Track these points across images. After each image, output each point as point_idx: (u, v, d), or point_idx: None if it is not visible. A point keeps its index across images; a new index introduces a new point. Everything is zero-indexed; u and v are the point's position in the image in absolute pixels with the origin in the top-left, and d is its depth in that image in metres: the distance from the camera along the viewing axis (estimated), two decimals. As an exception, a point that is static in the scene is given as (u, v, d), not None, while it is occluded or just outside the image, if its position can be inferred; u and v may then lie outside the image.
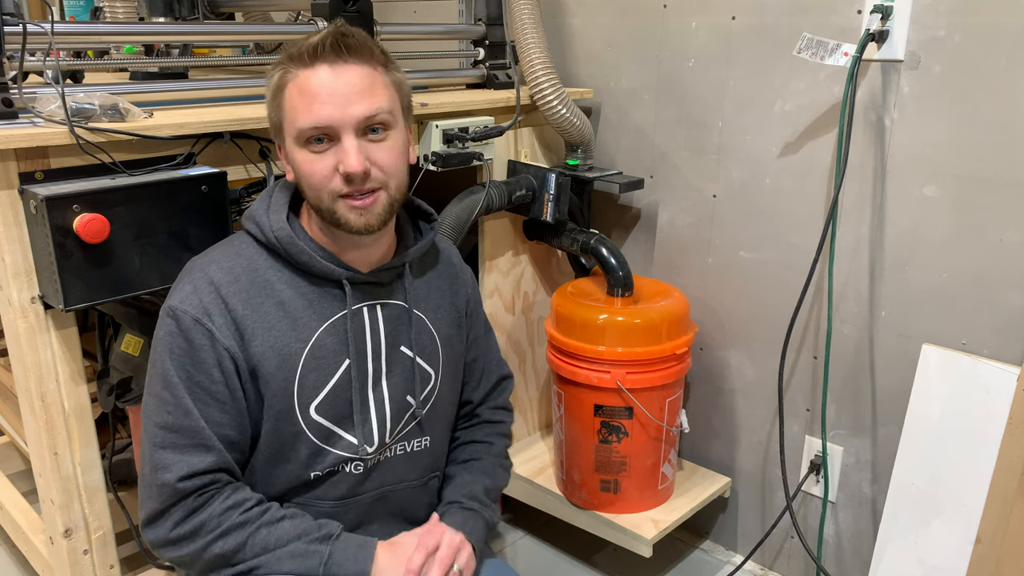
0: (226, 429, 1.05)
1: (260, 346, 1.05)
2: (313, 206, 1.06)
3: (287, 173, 1.09)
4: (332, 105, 0.99)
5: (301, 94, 1.00)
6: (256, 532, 1.03)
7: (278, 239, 1.06)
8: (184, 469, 1.02)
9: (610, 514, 1.77)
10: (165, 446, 1.03)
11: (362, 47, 1.02)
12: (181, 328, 1.03)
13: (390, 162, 1.04)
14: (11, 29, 1.12)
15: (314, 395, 1.09)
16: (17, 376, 1.24)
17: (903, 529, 1.57)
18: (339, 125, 1.00)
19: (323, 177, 1.02)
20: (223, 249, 1.10)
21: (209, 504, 1.03)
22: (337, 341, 1.10)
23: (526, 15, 1.72)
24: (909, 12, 1.45)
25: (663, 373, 1.68)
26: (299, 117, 1.01)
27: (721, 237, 1.82)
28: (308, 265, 1.07)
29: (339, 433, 1.11)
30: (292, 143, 1.03)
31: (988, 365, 1.46)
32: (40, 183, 1.13)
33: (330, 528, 1.07)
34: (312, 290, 1.09)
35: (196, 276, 1.06)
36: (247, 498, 1.05)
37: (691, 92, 1.80)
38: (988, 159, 1.43)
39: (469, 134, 1.61)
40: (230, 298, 1.04)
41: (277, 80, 1.03)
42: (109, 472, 1.33)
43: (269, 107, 1.07)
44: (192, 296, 1.04)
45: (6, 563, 1.88)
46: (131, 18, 1.79)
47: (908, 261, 1.55)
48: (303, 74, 1.01)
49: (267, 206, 1.10)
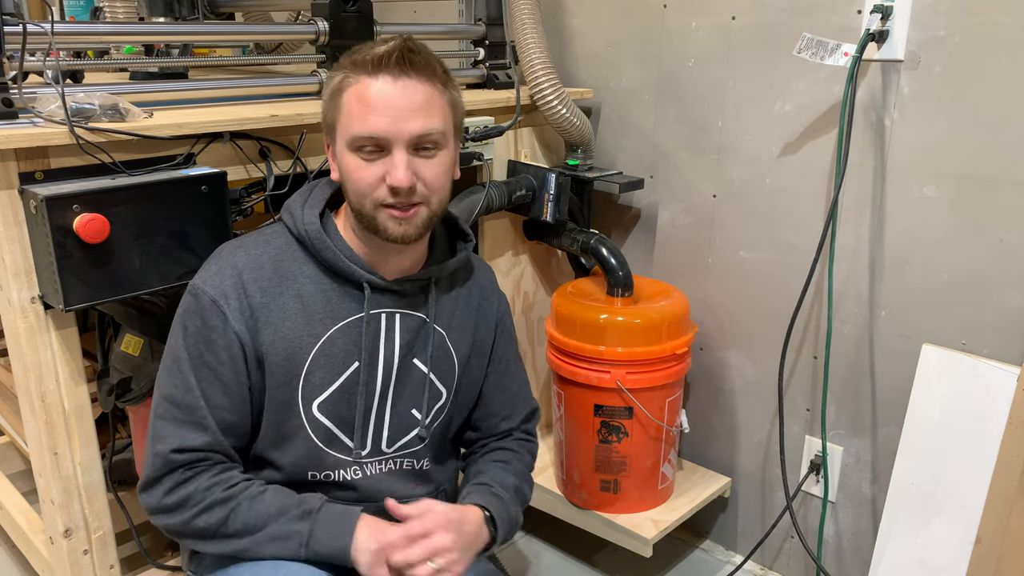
0: (225, 413, 1.07)
1: (271, 335, 1.07)
2: (354, 209, 1.07)
3: (332, 171, 1.11)
4: (388, 118, 1.01)
5: (359, 101, 1.02)
6: (237, 507, 1.04)
7: (307, 232, 1.09)
8: (177, 442, 1.04)
9: (610, 514, 1.77)
10: (166, 417, 1.05)
11: (426, 65, 1.03)
12: (199, 306, 1.06)
13: (436, 179, 1.06)
14: (11, 29, 1.12)
15: (319, 392, 1.09)
16: (17, 376, 1.24)
17: (903, 529, 1.57)
18: (393, 138, 1.02)
19: (369, 185, 1.04)
20: (255, 236, 1.12)
21: (196, 479, 1.05)
22: (349, 342, 1.10)
23: (526, 15, 1.72)
24: (909, 12, 1.45)
25: (663, 373, 1.68)
26: (354, 124, 1.02)
27: (721, 237, 1.82)
28: (332, 263, 1.09)
29: (339, 436, 1.12)
30: (343, 146, 1.05)
31: (988, 365, 1.46)
32: (40, 183, 1.13)
33: (310, 503, 1.06)
34: (333, 288, 1.10)
35: (223, 259, 1.09)
36: (232, 476, 1.06)
37: (691, 92, 1.80)
38: (988, 159, 1.43)
39: (469, 134, 1.61)
40: (250, 284, 1.07)
41: (338, 83, 1.05)
42: (109, 472, 1.33)
43: (326, 106, 1.08)
44: (215, 277, 1.07)
45: (6, 563, 1.88)
46: (131, 18, 1.79)
47: (908, 261, 1.55)
48: (364, 81, 1.02)
49: (305, 199, 1.12)
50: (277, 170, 1.37)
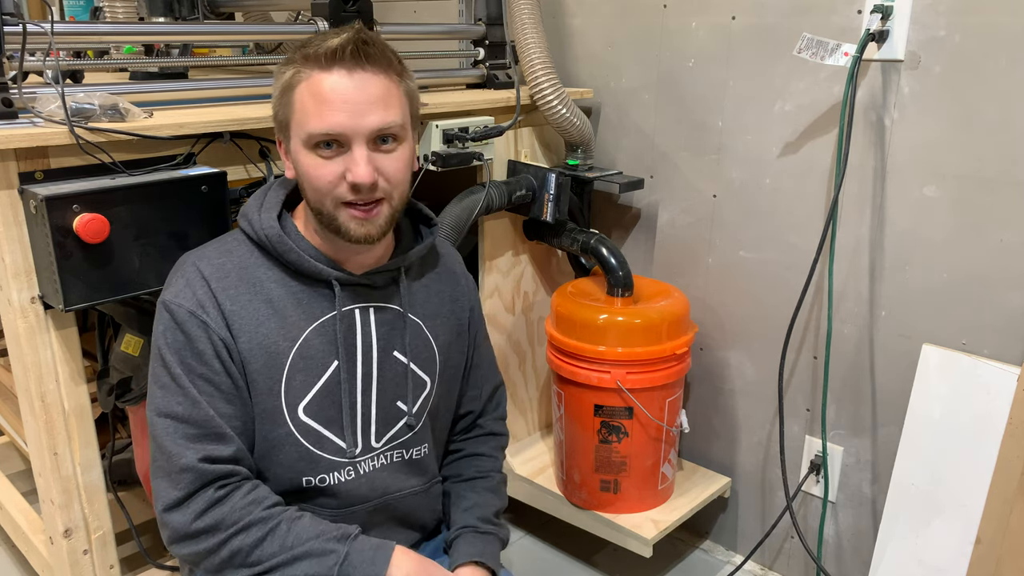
0: (234, 420, 1.04)
1: (247, 343, 1.04)
2: (313, 209, 1.05)
3: (287, 171, 1.08)
4: (346, 113, 0.97)
5: (314, 97, 0.98)
6: (276, 528, 1.01)
7: (267, 237, 1.06)
8: (201, 453, 1.00)
9: (610, 514, 1.77)
10: (179, 436, 1.01)
11: (381, 56, 1.00)
12: (177, 321, 1.02)
13: (397, 173, 1.03)
14: (11, 29, 1.12)
15: (302, 395, 1.08)
16: (17, 376, 1.24)
17: (903, 529, 1.57)
18: (351, 134, 0.98)
19: (329, 183, 1.01)
20: (215, 245, 1.09)
21: (230, 497, 1.01)
22: (326, 342, 1.09)
23: (526, 15, 1.72)
24: (909, 12, 1.45)
25: (663, 373, 1.68)
26: (310, 121, 0.99)
27: (721, 237, 1.82)
28: (297, 264, 1.06)
29: (328, 436, 1.11)
30: (299, 144, 1.01)
31: (988, 365, 1.46)
32: (40, 183, 1.13)
33: (348, 529, 1.05)
34: (302, 289, 1.08)
35: (188, 271, 1.06)
36: (267, 496, 1.04)
37: (691, 92, 1.80)
38: (988, 159, 1.43)
39: (469, 134, 1.61)
40: (219, 293, 1.04)
41: (289, 78, 1.01)
42: (109, 472, 1.33)
43: (276, 103, 1.04)
44: (185, 290, 1.04)
45: (6, 563, 1.88)
46: (131, 18, 1.79)
47: (908, 261, 1.55)
48: (317, 76, 0.98)
49: (260, 204, 1.09)
50: (277, 170, 1.37)
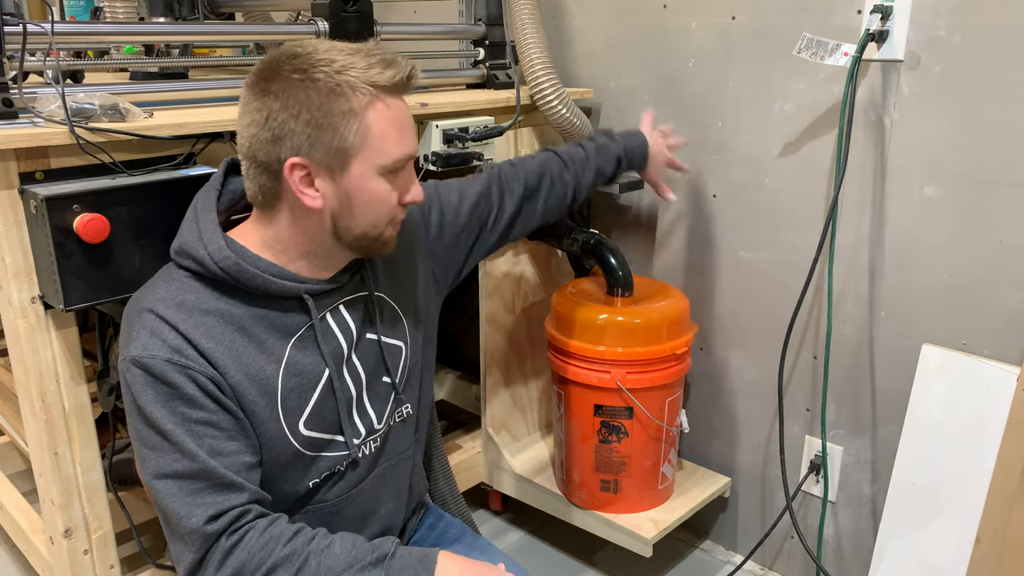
0: (242, 456, 0.99)
1: (235, 375, 0.99)
2: (354, 234, 1.02)
3: (310, 200, 0.99)
4: (413, 138, 1.04)
5: (394, 124, 0.99)
6: (305, 564, 0.95)
7: (224, 270, 0.99)
8: (210, 510, 0.94)
9: (610, 514, 1.77)
10: (180, 495, 0.95)
11: None
12: (155, 375, 0.95)
13: None
14: (11, 29, 1.12)
15: (300, 412, 1.06)
16: (17, 376, 1.24)
17: (903, 529, 1.57)
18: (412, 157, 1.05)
19: (393, 207, 1.04)
20: (163, 285, 1.02)
21: (244, 542, 0.95)
22: (310, 353, 1.06)
23: (526, 15, 1.72)
24: (909, 12, 1.45)
25: (663, 373, 1.68)
26: (392, 147, 1.00)
27: (721, 237, 1.82)
28: (264, 288, 1.01)
29: (331, 439, 1.10)
30: (371, 170, 0.99)
31: (988, 365, 1.46)
32: (40, 183, 1.13)
33: (384, 548, 0.99)
34: (269, 309, 1.03)
35: (147, 320, 0.98)
36: (284, 530, 0.97)
37: (691, 92, 1.80)
38: (988, 159, 1.43)
39: (469, 134, 1.61)
40: (190, 333, 0.97)
41: (358, 103, 0.96)
42: (109, 472, 1.33)
43: (336, 129, 0.97)
44: (152, 340, 0.96)
45: (6, 563, 1.88)
46: (131, 18, 1.79)
47: (908, 261, 1.55)
48: (390, 101, 0.99)
49: (198, 235, 1.01)
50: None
